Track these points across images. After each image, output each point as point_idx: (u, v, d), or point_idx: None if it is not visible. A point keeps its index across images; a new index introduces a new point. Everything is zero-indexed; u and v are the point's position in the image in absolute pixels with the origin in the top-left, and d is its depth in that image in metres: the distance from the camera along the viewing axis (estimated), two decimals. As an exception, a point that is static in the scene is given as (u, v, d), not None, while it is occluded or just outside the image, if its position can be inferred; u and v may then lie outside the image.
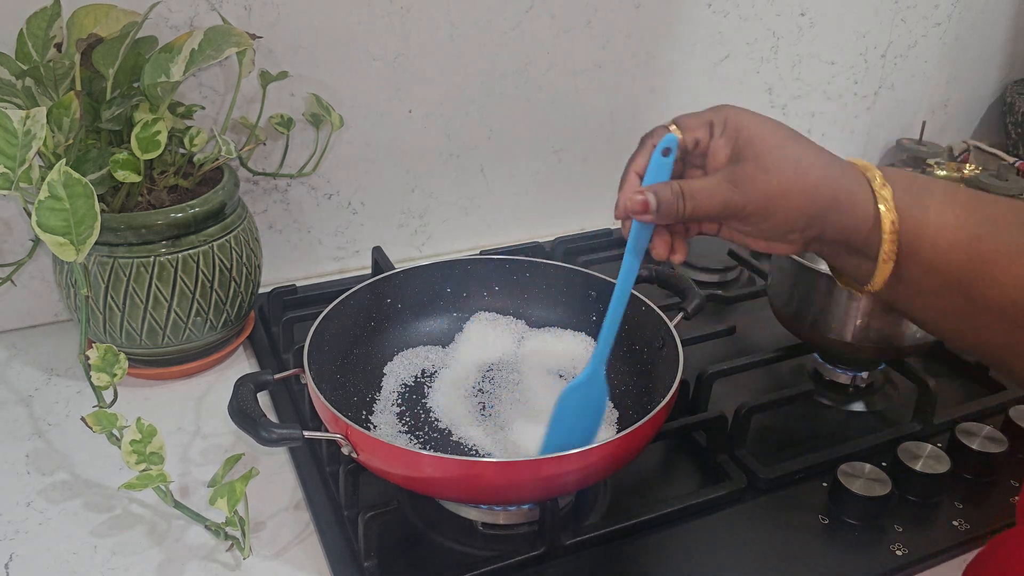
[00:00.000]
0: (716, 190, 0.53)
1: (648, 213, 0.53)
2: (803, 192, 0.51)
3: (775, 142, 0.52)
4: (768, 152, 0.52)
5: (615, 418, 0.74)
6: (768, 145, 0.52)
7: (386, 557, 0.63)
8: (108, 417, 0.62)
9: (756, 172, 0.52)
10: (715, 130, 0.54)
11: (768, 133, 0.53)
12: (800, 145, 0.52)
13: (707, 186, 0.53)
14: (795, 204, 0.51)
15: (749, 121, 0.53)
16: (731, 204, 0.52)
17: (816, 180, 0.51)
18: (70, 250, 0.62)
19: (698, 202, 0.53)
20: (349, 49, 0.93)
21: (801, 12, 1.16)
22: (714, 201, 0.53)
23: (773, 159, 0.51)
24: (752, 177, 0.52)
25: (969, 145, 1.34)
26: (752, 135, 0.53)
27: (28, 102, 0.73)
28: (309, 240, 1.02)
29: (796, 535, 0.67)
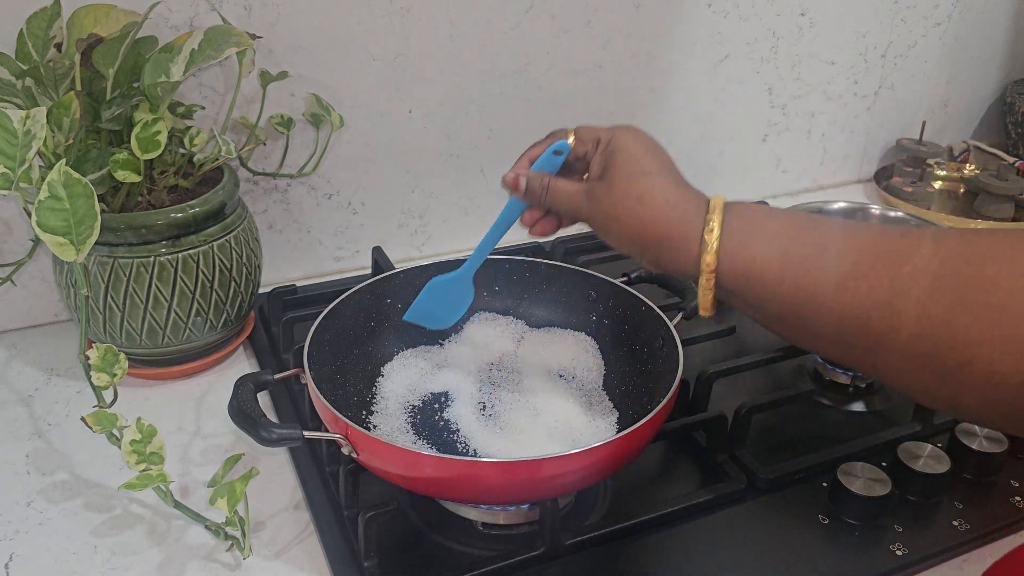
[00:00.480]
0: (572, 195, 0.62)
1: (517, 191, 0.65)
2: (634, 223, 0.58)
3: (632, 173, 0.59)
4: (620, 180, 0.59)
5: (615, 418, 0.74)
6: (625, 174, 0.59)
7: (386, 557, 0.63)
8: (108, 417, 0.62)
9: (604, 193, 0.60)
10: (600, 147, 0.62)
11: (632, 164, 0.59)
12: (653, 181, 0.58)
13: (567, 189, 0.63)
14: (626, 231, 0.59)
15: (627, 147, 0.60)
16: (579, 211, 0.62)
17: (649, 216, 0.57)
18: (70, 250, 0.62)
19: (555, 199, 0.63)
20: (349, 49, 0.93)
21: (801, 12, 1.16)
22: (568, 203, 0.62)
23: (620, 187, 0.59)
24: (599, 196, 0.60)
25: (969, 145, 1.34)
26: (619, 161, 0.60)
27: (28, 102, 0.73)
28: (309, 240, 1.02)
29: (796, 535, 0.67)
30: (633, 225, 0.58)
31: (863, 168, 1.35)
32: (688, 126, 1.17)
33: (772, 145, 1.24)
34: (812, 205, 0.96)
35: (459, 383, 0.77)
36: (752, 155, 1.24)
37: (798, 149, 1.27)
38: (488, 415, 0.73)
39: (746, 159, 1.24)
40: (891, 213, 0.96)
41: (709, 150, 1.20)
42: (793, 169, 1.28)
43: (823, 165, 1.31)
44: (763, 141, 1.24)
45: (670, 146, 1.21)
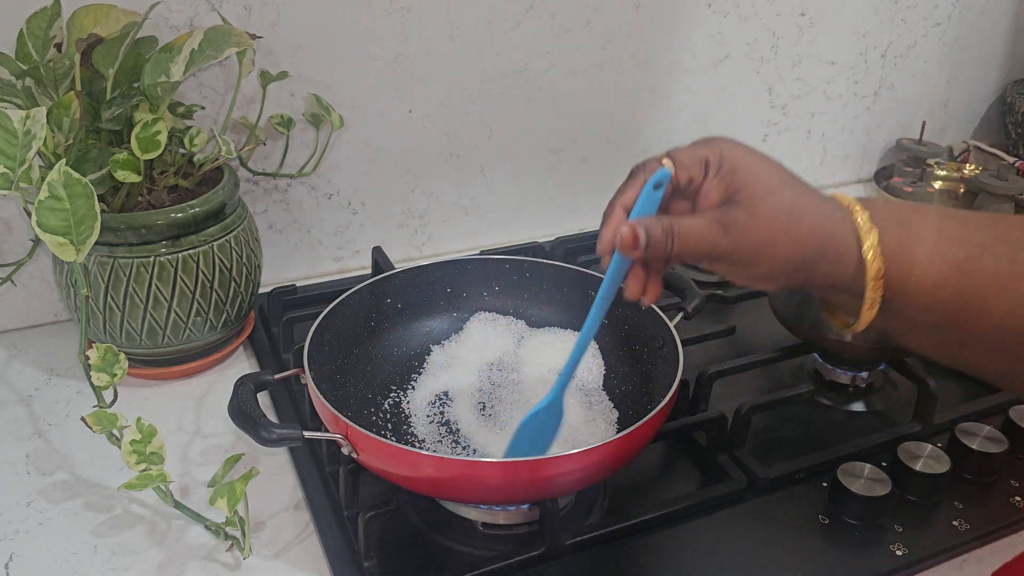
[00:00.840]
0: (705, 232, 0.52)
1: (636, 249, 0.52)
2: (792, 243, 0.51)
3: (769, 189, 0.51)
4: (761, 199, 0.51)
5: (615, 418, 0.74)
6: (762, 192, 0.51)
7: (386, 557, 0.63)
8: (108, 417, 0.62)
9: (747, 219, 0.51)
10: (710, 169, 0.53)
11: (763, 178, 0.52)
12: (794, 191, 0.52)
13: (697, 227, 0.52)
14: (783, 253, 0.51)
15: (745, 162, 0.52)
16: (719, 248, 0.52)
17: (806, 231, 0.51)
18: (70, 250, 0.62)
19: (686, 242, 0.52)
20: (349, 49, 0.93)
21: (801, 12, 1.16)
22: (702, 243, 0.52)
23: (766, 207, 0.51)
24: (743, 224, 0.51)
25: (969, 145, 1.33)
26: (747, 179, 0.51)
27: (28, 102, 0.73)
28: (309, 240, 1.02)
29: (796, 535, 0.67)
30: (790, 245, 0.51)
31: (863, 168, 1.35)
32: (688, 126, 1.17)
33: (772, 145, 1.24)
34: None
35: (459, 383, 0.77)
36: (752, 155, 1.23)
37: (798, 149, 1.27)
38: (488, 415, 0.73)
39: (746, 159, 1.23)
40: (891, 213, 0.95)
41: (709, 150, 1.20)
42: (793, 169, 1.28)
43: (823, 165, 1.31)
44: (763, 141, 1.23)
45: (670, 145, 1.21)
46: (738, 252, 0.51)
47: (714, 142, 0.53)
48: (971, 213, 0.53)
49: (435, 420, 0.73)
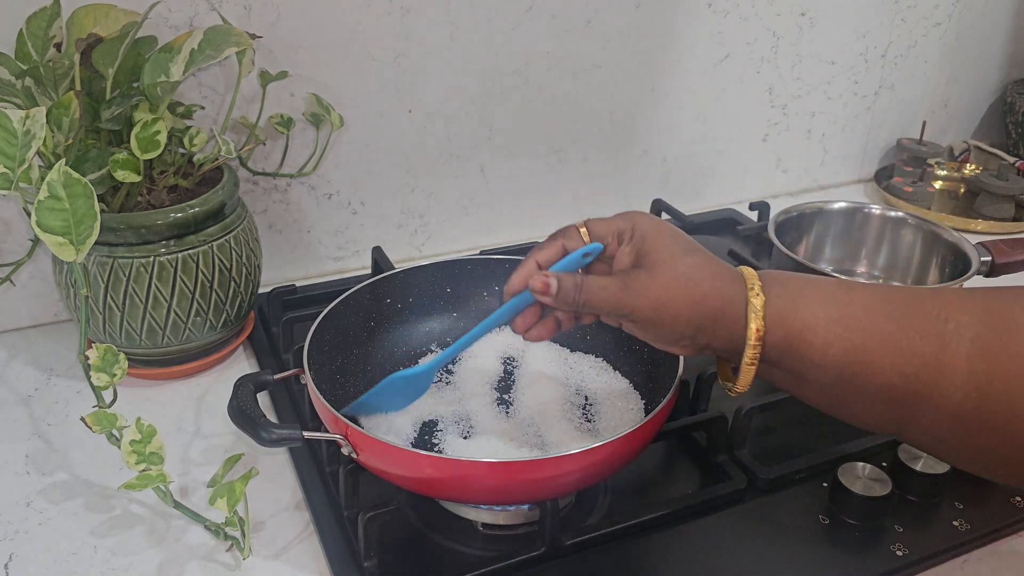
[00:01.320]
0: (610, 290, 0.57)
1: (547, 295, 0.57)
2: (690, 304, 0.55)
3: (671, 255, 0.56)
4: (662, 264, 0.56)
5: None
6: (664, 257, 0.56)
7: (386, 557, 0.63)
8: (108, 417, 0.62)
9: (648, 280, 0.56)
10: (623, 238, 0.59)
11: (667, 246, 0.57)
12: (694, 260, 0.56)
13: (603, 285, 0.57)
14: (681, 314, 0.55)
15: (654, 232, 0.58)
16: (621, 305, 0.56)
17: (702, 294, 0.55)
18: (70, 250, 0.62)
19: (591, 296, 0.57)
20: (349, 49, 0.93)
21: (801, 12, 1.16)
22: (606, 300, 0.57)
23: (666, 270, 0.56)
24: (644, 284, 0.56)
25: (969, 145, 1.34)
26: (653, 247, 0.57)
27: (28, 102, 0.73)
28: (309, 240, 1.01)
29: (796, 535, 0.67)
30: (688, 306, 0.55)
31: (863, 168, 1.35)
32: (688, 126, 1.17)
33: (772, 145, 1.24)
34: (812, 205, 0.96)
35: (459, 382, 0.77)
36: (752, 155, 1.24)
37: (798, 149, 1.27)
38: (488, 415, 0.73)
39: (746, 159, 1.24)
40: (891, 213, 0.95)
41: (709, 150, 1.20)
42: (793, 169, 1.28)
43: (823, 165, 1.31)
44: (763, 141, 1.23)
45: (670, 145, 1.21)
46: (639, 311, 0.56)
47: (629, 215, 0.60)
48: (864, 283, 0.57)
49: (435, 420, 0.73)
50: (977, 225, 1.19)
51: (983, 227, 1.19)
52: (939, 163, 1.31)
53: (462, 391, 0.76)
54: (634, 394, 0.75)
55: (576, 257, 0.59)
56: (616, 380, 0.77)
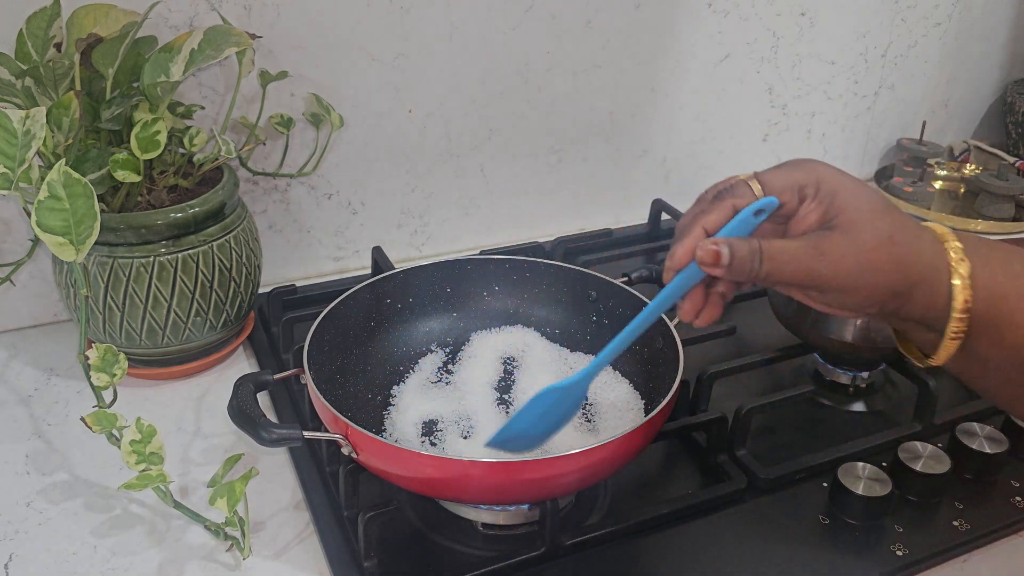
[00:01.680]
0: (801, 257, 0.49)
1: (718, 267, 0.49)
2: (893, 269, 0.49)
3: (871, 213, 0.49)
4: (862, 225, 0.49)
5: (615, 418, 0.74)
6: (863, 217, 0.49)
7: (386, 557, 0.63)
8: (108, 417, 0.62)
9: (847, 244, 0.48)
10: (806, 193, 0.50)
11: (863, 204, 0.49)
12: (893, 218, 0.49)
13: (791, 249, 0.49)
14: (882, 280, 0.49)
15: (845, 186, 0.50)
16: (816, 274, 0.49)
17: (907, 256, 0.49)
18: (70, 250, 0.62)
19: (777, 265, 0.49)
20: (349, 49, 0.93)
21: (801, 12, 1.16)
22: (797, 268, 0.49)
23: (867, 232, 0.48)
24: (843, 250, 0.48)
25: (969, 145, 1.33)
26: (846, 204, 0.49)
27: (28, 102, 0.73)
28: (309, 240, 1.01)
29: (796, 535, 0.67)
30: (890, 271, 0.48)
31: (863, 168, 1.35)
32: (688, 126, 1.17)
33: (772, 145, 1.24)
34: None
35: (460, 382, 0.77)
36: (752, 155, 1.24)
37: (798, 149, 1.27)
38: (488, 415, 0.73)
39: (746, 159, 1.23)
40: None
41: (709, 150, 1.20)
42: (793, 169, 1.28)
43: (823, 165, 1.30)
44: (763, 141, 1.23)
45: (670, 145, 1.21)
46: (836, 279, 0.49)
47: (808, 165, 0.51)
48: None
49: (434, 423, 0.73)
50: (977, 225, 1.19)
51: (983, 227, 1.19)
52: (939, 163, 1.31)
53: (462, 391, 0.76)
54: (634, 394, 0.75)
55: (747, 216, 0.50)
56: (616, 380, 0.77)
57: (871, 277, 0.48)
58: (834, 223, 0.49)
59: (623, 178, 1.16)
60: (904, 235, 0.49)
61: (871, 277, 0.48)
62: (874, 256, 0.48)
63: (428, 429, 0.72)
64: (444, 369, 0.79)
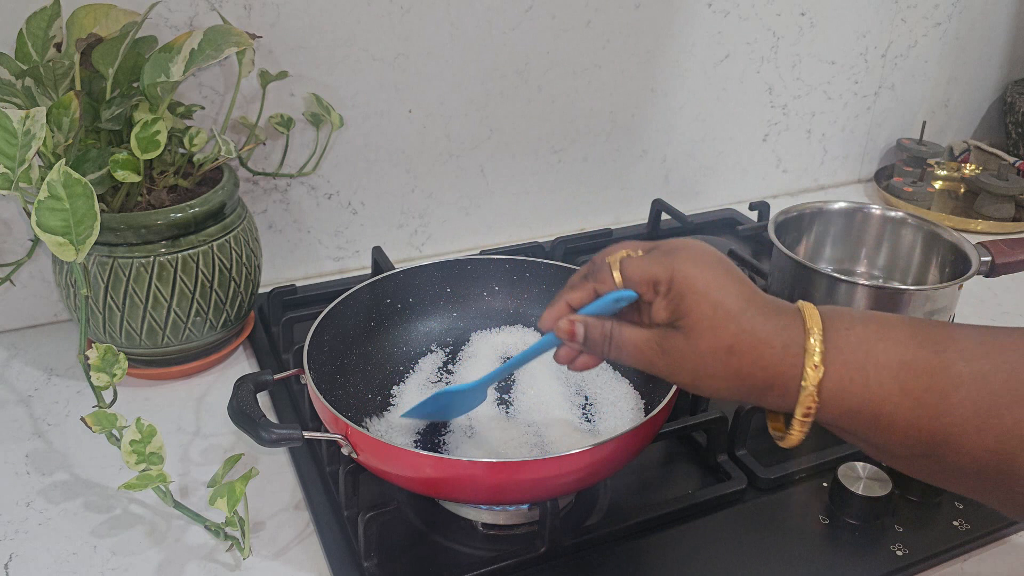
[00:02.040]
0: (644, 350, 0.52)
1: (574, 341, 0.54)
2: (730, 377, 0.49)
3: (712, 322, 0.49)
4: (702, 332, 0.49)
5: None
6: (704, 324, 0.49)
7: (386, 557, 0.63)
8: (108, 417, 0.62)
9: (685, 348, 0.50)
10: (659, 289, 0.51)
11: (707, 309, 0.49)
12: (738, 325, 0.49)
13: (636, 341, 0.52)
14: (721, 385, 0.50)
15: (695, 288, 0.50)
16: (656, 367, 0.52)
17: (746, 368, 0.49)
18: (70, 250, 0.62)
19: (623, 353, 0.53)
20: (349, 49, 0.93)
21: (801, 12, 1.16)
22: (640, 359, 0.52)
23: (705, 340, 0.49)
24: (682, 352, 0.50)
25: (969, 145, 1.34)
26: (691, 307, 0.50)
27: (28, 102, 0.73)
28: (309, 240, 1.02)
29: (796, 535, 0.67)
30: (729, 379, 0.49)
31: (863, 168, 1.35)
32: (688, 126, 1.17)
33: (772, 145, 1.24)
34: (812, 205, 0.96)
35: (459, 382, 0.77)
36: (752, 155, 1.24)
37: (798, 149, 1.27)
38: (488, 415, 0.73)
39: (746, 159, 1.24)
40: (891, 213, 0.95)
41: (709, 150, 1.20)
42: (793, 169, 1.28)
43: (823, 165, 1.31)
44: (763, 141, 1.23)
45: (670, 145, 1.21)
46: (676, 377, 0.51)
47: (671, 258, 0.51)
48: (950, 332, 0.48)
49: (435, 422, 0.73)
50: (977, 225, 1.19)
51: (983, 227, 1.19)
52: (939, 163, 1.31)
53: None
54: (634, 394, 0.75)
55: (608, 302, 0.53)
56: (616, 380, 0.77)
57: (708, 382, 0.50)
58: (679, 324, 0.50)
59: (623, 178, 1.16)
60: (746, 346, 0.48)
61: (708, 382, 0.50)
62: (710, 363, 0.49)
63: (428, 430, 0.72)
64: (444, 369, 0.79)
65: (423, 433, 0.72)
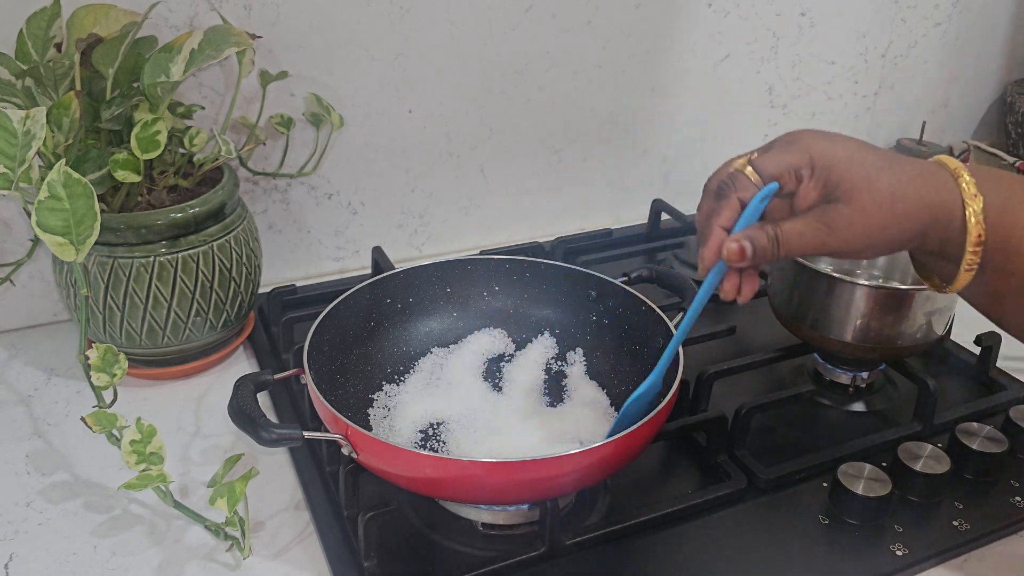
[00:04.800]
0: (811, 234, 0.53)
1: (744, 260, 0.54)
2: (902, 222, 0.52)
3: (867, 178, 0.52)
4: (862, 191, 0.52)
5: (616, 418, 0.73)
6: (861, 183, 0.52)
7: (386, 557, 0.63)
8: (108, 417, 0.62)
9: (852, 213, 0.52)
10: (802, 174, 0.53)
11: (858, 169, 0.52)
12: (892, 173, 0.52)
13: (800, 229, 0.53)
14: (894, 234, 0.52)
15: (837, 156, 0.53)
16: (828, 247, 0.53)
17: (913, 207, 0.52)
18: (70, 250, 0.62)
19: (792, 246, 0.53)
20: (349, 49, 0.93)
21: (801, 12, 1.16)
22: (808, 245, 0.53)
23: (868, 197, 0.51)
24: (849, 220, 0.52)
25: (969, 145, 1.34)
26: (842, 174, 0.52)
27: (28, 102, 0.73)
28: (309, 240, 1.01)
29: (796, 535, 0.67)
30: (899, 225, 0.52)
31: (863, 168, 1.35)
32: (688, 126, 1.17)
33: (772, 145, 1.24)
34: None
35: (460, 381, 0.77)
36: (752, 155, 1.24)
37: (798, 149, 1.27)
38: (488, 415, 0.73)
39: (746, 159, 1.23)
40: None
41: (709, 150, 1.20)
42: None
43: (823, 165, 1.31)
44: (763, 141, 1.23)
45: (670, 145, 1.21)
46: (849, 246, 0.53)
47: (798, 143, 0.54)
48: None
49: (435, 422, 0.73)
50: (977, 225, 1.19)
51: (983, 227, 1.19)
52: (939, 163, 1.31)
53: (462, 391, 0.76)
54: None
55: (756, 205, 0.54)
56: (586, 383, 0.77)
57: (881, 235, 0.52)
58: (835, 195, 0.52)
59: (623, 178, 1.16)
60: (907, 187, 0.52)
61: (881, 235, 0.52)
62: (879, 217, 0.51)
63: (428, 429, 0.72)
64: (444, 369, 0.79)
65: (423, 433, 0.72)
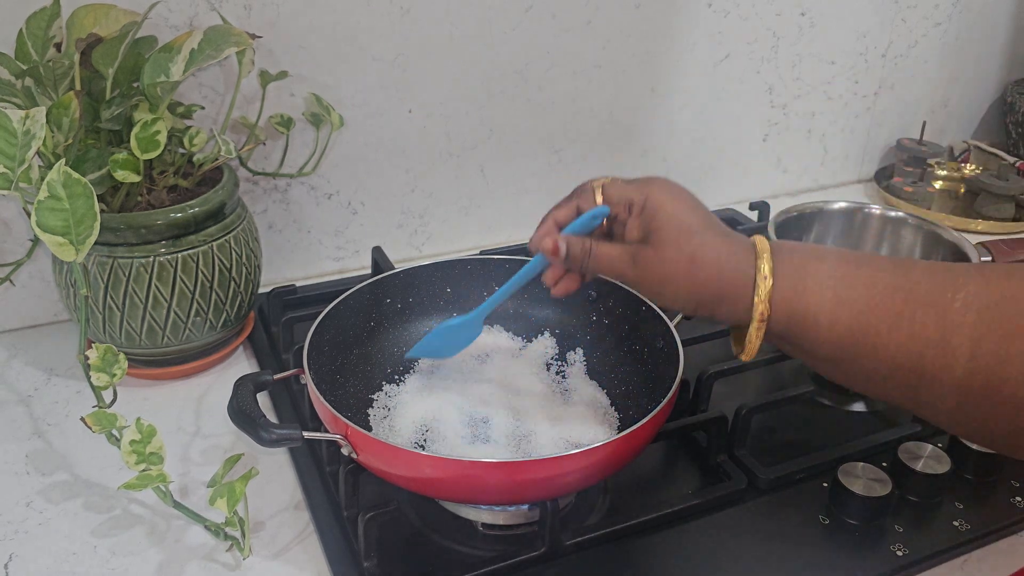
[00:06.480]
0: (617, 261, 0.60)
1: (556, 256, 0.61)
2: (691, 284, 0.57)
3: (678, 235, 0.58)
4: (669, 243, 0.58)
5: (615, 418, 0.73)
6: (672, 237, 0.58)
7: (386, 557, 0.63)
8: (108, 417, 0.62)
9: (653, 257, 0.58)
10: (633, 209, 0.60)
11: (675, 225, 0.58)
12: (702, 239, 0.58)
13: (611, 254, 0.60)
14: (682, 291, 0.58)
15: (665, 209, 0.59)
16: (627, 277, 0.60)
17: (705, 277, 0.57)
18: (69, 250, 0.62)
19: (599, 264, 0.61)
20: (349, 49, 0.93)
21: (801, 12, 1.16)
22: (612, 269, 0.60)
23: (671, 251, 0.58)
24: (649, 261, 0.58)
25: (969, 145, 1.34)
26: (661, 224, 0.58)
27: (28, 102, 0.73)
28: (309, 240, 1.01)
29: (796, 535, 0.67)
30: (689, 287, 0.58)
31: (863, 168, 1.35)
32: (688, 126, 1.17)
33: (772, 145, 1.24)
34: (812, 205, 0.96)
35: (459, 381, 0.77)
36: (752, 155, 1.24)
37: (798, 149, 1.27)
38: (488, 415, 0.73)
39: (746, 159, 1.24)
40: (891, 213, 0.95)
41: (709, 150, 1.20)
42: (793, 169, 1.28)
43: (823, 165, 1.31)
44: (763, 141, 1.23)
45: (670, 145, 1.21)
46: (643, 285, 0.60)
47: (647, 185, 0.60)
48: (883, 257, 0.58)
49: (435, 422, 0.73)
50: (977, 225, 1.19)
51: (983, 227, 1.19)
52: (939, 163, 1.31)
53: (462, 391, 0.76)
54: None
55: (586, 219, 0.61)
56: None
57: (671, 287, 0.58)
58: (649, 239, 0.59)
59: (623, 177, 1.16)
60: (708, 257, 0.57)
61: (671, 287, 0.58)
62: (674, 271, 0.58)
63: (428, 429, 0.72)
64: (444, 369, 0.79)
65: (423, 433, 0.72)
